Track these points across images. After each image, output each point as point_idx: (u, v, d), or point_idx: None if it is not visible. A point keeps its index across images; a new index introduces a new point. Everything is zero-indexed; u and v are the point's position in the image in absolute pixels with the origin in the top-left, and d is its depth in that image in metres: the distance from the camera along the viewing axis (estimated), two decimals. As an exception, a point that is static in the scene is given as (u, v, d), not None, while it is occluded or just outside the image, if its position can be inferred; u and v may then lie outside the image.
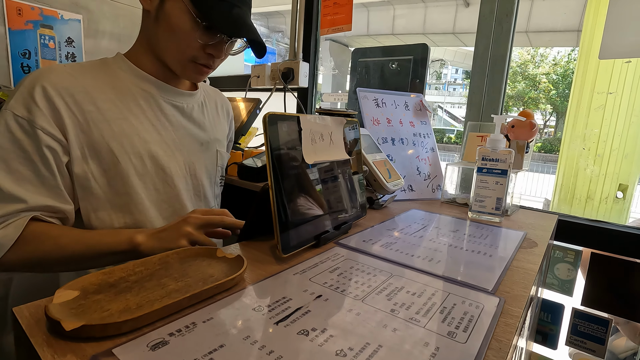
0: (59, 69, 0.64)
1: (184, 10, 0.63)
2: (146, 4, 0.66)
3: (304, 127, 0.55)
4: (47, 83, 0.60)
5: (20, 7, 1.32)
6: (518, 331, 0.39)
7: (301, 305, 0.39)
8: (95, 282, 0.38)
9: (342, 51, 16.40)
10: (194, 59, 0.68)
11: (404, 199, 0.99)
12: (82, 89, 0.63)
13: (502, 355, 0.33)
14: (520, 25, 10.40)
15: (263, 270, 0.47)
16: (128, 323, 0.32)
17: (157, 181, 0.70)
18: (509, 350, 0.34)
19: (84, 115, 0.62)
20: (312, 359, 0.30)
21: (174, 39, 0.65)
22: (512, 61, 11.11)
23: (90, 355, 0.29)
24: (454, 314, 0.39)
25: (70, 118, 0.61)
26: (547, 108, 19.39)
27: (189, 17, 0.63)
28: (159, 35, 0.67)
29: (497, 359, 0.32)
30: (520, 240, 0.68)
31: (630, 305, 0.89)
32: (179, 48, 0.67)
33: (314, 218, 0.56)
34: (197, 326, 0.34)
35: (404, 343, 0.33)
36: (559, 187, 3.28)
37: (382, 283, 0.46)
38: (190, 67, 0.70)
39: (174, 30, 0.65)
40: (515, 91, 18.88)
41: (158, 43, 0.68)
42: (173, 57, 0.68)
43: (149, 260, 0.44)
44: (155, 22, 0.66)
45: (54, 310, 0.32)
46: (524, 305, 0.43)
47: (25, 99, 0.59)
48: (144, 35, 0.71)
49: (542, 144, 17.90)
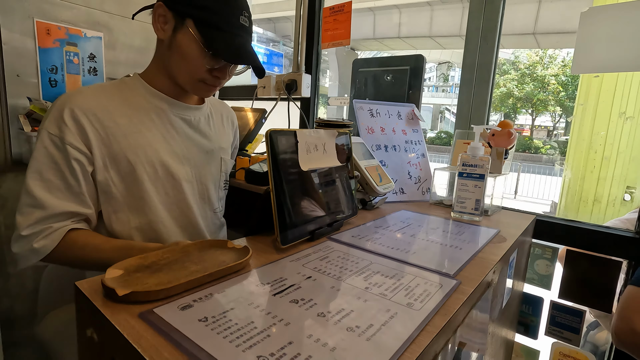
0: (83, 91, 0.75)
1: (192, 39, 0.73)
2: (160, 34, 0.76)
3: (300, 140, 0.66)
4: (74, 105, 0.71)
5: (49, 27, 1.46)
6: (467, 304, 0.49)
7: (294, 283, 0.49)
8: (134, 264, 0.49)
9: (349, 54, 16.49)
10: (203, 80, 0.79)
11: (395, 200, 1.09)
12: (103, 107, 0.74)
13: (446, 318, 0.43)
14: (527, 27, 10.42)
15: (265, 258, 0.58)
16: (163, 292, 0.42)
17: (167, 186, 0.80)
18: (452, 315, 0.44)
19: (105, 130, 0.73)
20: (300, 318, 0.41)
21: (185, 63, 0.76)
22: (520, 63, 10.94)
23: (137, 313, 0.40)
24: (415, 291, 0.49)
25: (94, 133, 0.72)
26: (556, 110, 19.23)
27: (197, 46, 0.74)
28: (172, 61, 0.77)
29: (441, 320, 0.42)
30: (492, 237, 0.78)
31: (601, 297, 0.98)
32: (189, 71, 0.77)
33: (309, 216, 0.67)
34: (214, 295, 0.44)
35: (371, 309, 0.44)
36: (565, 189, 3.31)
37: (362, 268, 0.56)
38: (199, 86, 0.80)
39: (185, 57, 0.75)
40: (523, 93, 18.77)
41: (171, 67, 0.78)
42: (185, 78, 0.79)
43: (174, 249, 0.55)
44: (168, 50, 0.77)
45: (108, 281, 0.43)
46: (475, 286, 0.52)
47: (56, 119, 0.70)
48: (158, 59, 0.81)
49: (551, 146, 17.77)
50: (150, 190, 0.78)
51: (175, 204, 0.83)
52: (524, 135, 21.92)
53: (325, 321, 0.40)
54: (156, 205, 0.79)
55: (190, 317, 0.39)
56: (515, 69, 19.25)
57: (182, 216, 0.84)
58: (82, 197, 0.72)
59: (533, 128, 23.16)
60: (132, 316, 0.39)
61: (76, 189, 0.71)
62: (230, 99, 2.05)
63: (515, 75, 18.93)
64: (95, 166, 0.73)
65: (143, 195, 0.77)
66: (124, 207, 0.77)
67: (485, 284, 0.58)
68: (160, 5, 0.73)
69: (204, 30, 0.72)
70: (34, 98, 1.43)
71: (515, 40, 12.83)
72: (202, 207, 0.89)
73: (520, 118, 23.75)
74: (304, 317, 0.41)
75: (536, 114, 20.75)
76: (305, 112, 1.57)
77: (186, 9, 0.72)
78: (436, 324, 0.41)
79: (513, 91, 18.81)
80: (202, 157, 0.88)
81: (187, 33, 0.73)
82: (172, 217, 0.82)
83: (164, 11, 0.74)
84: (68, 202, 0.70)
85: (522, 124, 24.50)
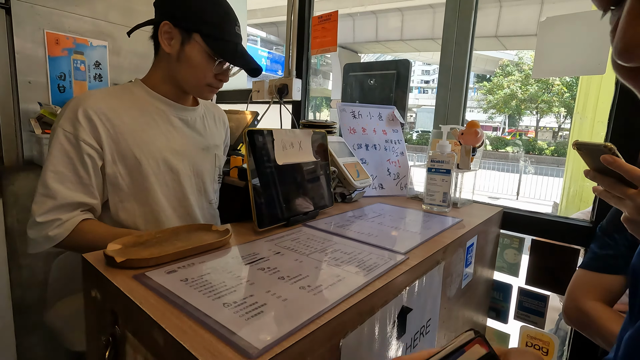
0: (94, 94, 0.85)
1: (201, 50, 0.85)
2: (167, 49, 0.87)
3: (276, 137, 0.75)
4: (87, 106, 0.81)
5: (58, 37, 1.57)
6: (408, 273, 0.58)
7: (264, 256, 0.59)
8: (131, 241, 0.59)
9: (351, 57, 16.50)
10: (209, 84, 0.91)
11: (375, 195, 1.19)
12: (112, 108, 0.84)
13: (384, 282, 0.52)
14: (529, 29, 10.46)
15: (244, 239, 0.68)
16: (153, 260, 0.52)
17: (168, 179, 0.91)
18: (390, 280, 0.53)
19: (114, 128, 0.83)
20: (263, 280, 0.50)
21: (194, 71, 0.87)
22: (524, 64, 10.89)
23: (132, 275, 0.49)
24: (366, 264, 0.59)
25: (104, 131, 0.82)
26: (560, 111, 19.17)
27: (206, 55, 0.86)
28: (181, 70, 0.88)
29: (380, 284, 0.52)
30: (452, 224, 0.87)
31: (562, 282, 1.06)
32: (197, 78, 0.89)
33: (285, 204, 0.76)
34: (195, 265, 0.54)
35: (324, 275, 0.53)
36: (566, 190, 3.35)
37: (326, 247, 0.65)
38: (206, 89, 0.92)
39: (195, 66, 0.87)
40: (527, 94, 18.76)
41: (180, 75, 0.89)
42: (192, 84, 0.90)
43: (165, 231, 0.65)
44: (177, 62, 0.87)
45: (109, 252, 0.52)
46: (419, 261, 0.62)
47: (70, 118, 0.80)
48: (162, 68, 0.91)
49: (556, 147, 17.73)
50: (153, 182, 0.88)
51: (174, 195, 0.93)
52: (528, 137, 21.91)
53: (284, 282, 0.50)
54: (158, 196, 0.89)
55: (174, 279, 0.49)
56: (519, 70, 19.27)
57: (180, 206, 0.94)
58: (91, 189, 0.82)
59: (538, 129, 23.12)
60: (128, 277, 0.49)
61: (86, 181, 0.81)
62: (227, 102, 2.16)
63: (519, 76, 18.95)
64: (104, 160, 0.83)
65: (147, 186, 0.87)
66: (130, 197, 0.87)
67: (433, 261, 0.67)
68: (166, 23, 0.84)
69: (211, 42, 0.85)
70: (44, 103, 1.54)
71: (518, 42, 12.88)
72: (199, 198, 1.00)
73: (525, 119, 23.71)
74: (267, 280, 0.50)
75: (540, 115, 20.71)
76: (296, 115, 1.67)
77: (193, 25, 0.84)
78: (375, 285, 0.51)
79: (517, 93, 18.81)
80: (198, 153, 0.98)
81: (195, 45, 0.85)
82: (171, 207, 0.92)
83: (169, 28, 0.85)
84: (77, 193, 0.80)
85: (527, 125, 24.48)
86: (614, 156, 0.47)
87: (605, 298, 0.84)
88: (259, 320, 0.40)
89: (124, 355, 0.46)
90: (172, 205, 0.92)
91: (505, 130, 24.62)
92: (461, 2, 1.29)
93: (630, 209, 0.49)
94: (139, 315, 0.42)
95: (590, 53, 0.96)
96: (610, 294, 0.84)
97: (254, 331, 0.38)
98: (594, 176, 0.53)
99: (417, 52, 16.01)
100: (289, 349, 0.36)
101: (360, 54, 17.19)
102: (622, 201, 0.50)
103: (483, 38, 11.86)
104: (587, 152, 0.51)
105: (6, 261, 1.40)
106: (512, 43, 12.84)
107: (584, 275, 0.87)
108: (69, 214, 0.79)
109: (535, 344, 1.11)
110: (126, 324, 0.45)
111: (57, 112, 1.45)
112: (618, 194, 0.50)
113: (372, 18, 12.57)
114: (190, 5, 0.84)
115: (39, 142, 1.47)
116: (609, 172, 0.49)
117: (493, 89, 19.42)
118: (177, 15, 0.84)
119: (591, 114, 2.80)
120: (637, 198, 0.47)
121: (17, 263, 1.42)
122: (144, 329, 0.41)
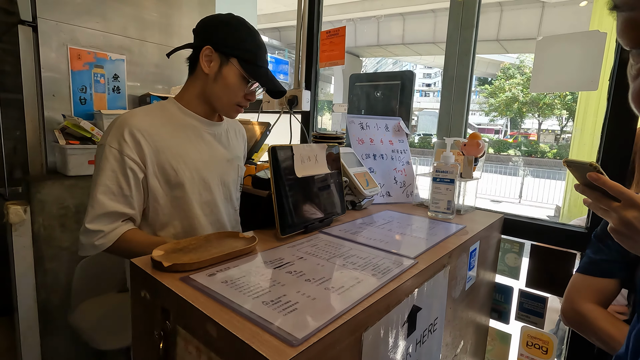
0: (137, 113, 0.94)
1: (237, 73, 0.95)
2: (207, 70, 0.96)
3: (295, 153, 0.83)
4: (132, 125, 0.90)
5: (80, 52, 1.66)
6: (418, 276, 0.65)
7: (289, 261, 0.66)
8: (171, 247, 0.67)
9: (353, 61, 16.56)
10: (238, 103, 1.00)
11: (383, 202, 1.26)
12: (152, 126, 0.93)
13: (397, 284, 0.59)
14: (530, 32, 10.53)
15: (268, 245, 0.75)
16: (195, 264, 0.60)
17: (200, 188, 0.99)
18: (402, 282, 0.60)
19: (154, 143, 0.92)
20: (292, 282, 0.57)
21: (227, 91, 0.97)
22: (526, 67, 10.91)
23: (178, 277, 0.57)
24: (380, 267, 0.66)
25: (147, 147, 0.91)
26: (562, 113, 19.20)
27: (240, 78, 0.96)
28: (216, 90, 0.97)
29: (394, 285, 0.59)
30: (456, 230, 0.94)
31: (560, 284, 1.13)
32: (229, 97, 0.98)
33: (304, 213, 0.84)
34: (231, 268, 0.61)
35: (344, 277, 0.60)
36: (568, 193, 3.40)
37: (343, 252, 0.73)
38: (234, 108, 1.01)
39: (229, 86, 0.96)
40: (529, 97, 18.81)
41: (212, 94, 0.98)
42: (224, 103, 0.99)
43: (199, 238, 0.73)
44: (214, 82, 0.96)
45: (156, 257, 0.60)
46: (428, 265, 0.69)
47: (117, 136, 0.89)
48: (196, 87, 1.00)
49: (558, 150, 17.75)
50: (189, 191, 0.96)
51: (206, 202, 1.01)
52: (530, 140, 21.92)
53: (310, 284, 0.57)
54: (193, 204, 0.98)
55: (216, 281, 0.56)
56: (521, 73, 19.34)
57: (211, 213, 1.03)
58: (130, 200, 0.90)
59: (540, 132, 23.14)
60: (175, 279, 0.56)
61: (127, 192, 0.89)
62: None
63: (520, 79, 19.02)
64: (146, 174, 0.92)
65: (183, 195, 0.96)
66: (168, 205, 0.96)
67: (439, 265, 0.74)
68: (207, 48, 0.94)
69: (247, 66, 0.96)
70: (67, 115, 1.62)
71: (519, 45, 12.96)
72: (226, 205, 1.08)
73: (526, 122, 23.73)
74: (295, 281, 0.58)
75: (542, 118, 20.74)
76: (305, 124, 1.75)
77: (232, 51, 0.95)
78: (389, 287, 0.58)
79: (518, 96, 18.87)
80: (224, 165, 1.07)
81: (232, 68, 0.95)
82: (204, 214, 1.01)
83: (210, 52, 0.95)
84: (119, 204, 0.88)
85: (529, 127, 24.49)
86: (598, 174, 0.54)
87: (600, 300, 0.90)
88: (295, 315, 0.47)
89: (174, 346, 0.53)
90: (205, 212, 1.00)
91: (507, 133, 24.66)
92: (463, 12, 1.37)
93: (615, 220, 0.55)
94: (192, 312, 0.49)
95: (584, 70, 1.03)
96: (604, 297, 0.91)
97: (293, 324, 0.45)
98: (583, 190, 0.60)
99: (419, 55, 16.11)
100: (323, 339, 0.43)
101: (362, 58, 17.32)
102: (608, 213, 0.57)
103: (484, 42, 11.95)
104: (575, 169, 0.58)
105: (32, 266, 1.48)
106: (513, 46, 12.93)
107: (580, 279, 0.94)
108: (111, 225, 0.87)
109: (535, 343, 1.17)
110: (178, 319, 0.52)
111: (79, 124, 1.53)
112: (604, 206, 0.57)
113: (374, 22, 12.70)
114: (231, 34, 0.95)
115: (62, 152, 1.56)
116: (596, 187, 0.56)
117: (495, 92, 19.49)
118: (218, 42, 0.95)
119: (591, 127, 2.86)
120: (620, 211, 0.54)
121: (42, 267, 1.50)
122: (196, 323, 0.49)
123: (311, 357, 0.42)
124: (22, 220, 1.42)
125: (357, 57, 16.35)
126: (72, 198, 1.54)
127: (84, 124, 1.54)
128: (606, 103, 1.02)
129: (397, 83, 1.90)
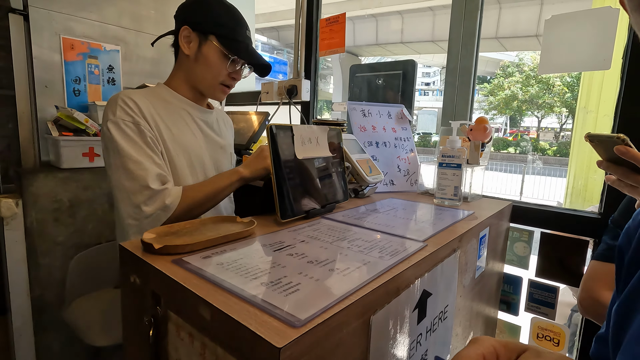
0: (133, 92, 0.90)
1: (217, 50, 0.93)
2: (187, 51, 0.93)
3: (295, 133, 0.79)
4: (125, 95, 0.86)
5: (73, 42, 1.61)
6: (427, 259, 0.61)
7: (290, 244, 0.62)
8: (164, 231, 0.62)
9: (352, 60, 16.62)
10: (223, 82, 0.97)
11: (386, 191, 1.21)
12: (150, 105, 0.90)
13: (406, 266, 0.55)
14: (529, 30, 10.49)
15: (267, 230, 0.70)
16: (188, 246, 0.55)
17: (198, 172, 0.97)
18: (411, 264, 0.56)
19: (155, 123, 0.89)
20: (293, 264, 0.53)
21: (210, 70, 0.94)
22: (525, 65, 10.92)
23: (170, 260, 0.52)
24: (387, 250, 0.61)
25: (151, 121, 0.88)
26: (562, 111, 19.13)
27: (221, 55, 0.93)
28: (198, 70, 0.95)
29: (404, 267, 0.54)
30: (465, 216, 0.90)
31: (572, 273, 1.08)
32: (213, 76, 0.95)
33: (305, 197, 0.79)
34: (227, 251, 0.57)
35: (349, 259, 0.56)
36: (570, 189, 3.36)
37: (348, 236, 0.68)
38: (219, 88, 0.98)
39: (210, 65, 0.93)
40: (528, 95, 18.74)
41: (196, 75, 0.96)
42: (208, 83, 0.96)
43: (194, 222, 0.68)
44: (195, 62, 0.94)
45: (147, 239, 0.55)
46: (438, 248, 0.64)
47: (124, 109, 0.84)
48: (182, 71, 0.97)
49: (558, 147, 17.69)
50: (186, 175, 0.94)
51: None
52: (530, 138, 21.84)
53: (313, 265, 0.53)
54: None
55: (211, 263, 0.52)
56: (520, 71, 19.27)
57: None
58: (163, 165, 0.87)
59: (539, 130, 23.07)
60: (167, 262, 0.52)
61: (157, 159, 0.85)
62: (237, 104, 2.19)
63: (519, 77, 18.95)
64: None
65: (180, 178, 0.92)
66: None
67: (450, 249, 0.70)
68: (185, 28, 0.92)
69: (225, 42, 0.93)
70: (60, 106, 1.58)
71: (518, 43, 12.92)
72: None
73: (526, 120, 23.65)
74: (297, 263, 0.53)
75: (542, 116, 20.68)
76: (305, 115, 1.71)
77: (209, 28, 0.92)
78: (399, 268, 0.54)
79: (517, 94, 18.80)
80: (218, 151, 1.05)
81: (211, 46, 0.93)
82: None
83: (188, 32, 0.92)
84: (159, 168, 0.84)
85: (529, 126, 24.42)
86: (627, 146, 0.50)
87: None
88: (297, 296, 0.43)
89: (166, 333, 0.49)
90: None
91: (506, 132, 24.60)
92: (467, 2, 1.33)
93: None
94: (183, 295, 0.45)
95: (596, 49, 0.99)
96: None
97: (295, 305, 0.41)
98: (608, 166, 0.56)
99: (418, 54, 16.05)
100: (328, 320, 0.39)
101: (360, 57, 17.25)
102: (636, 189, 0.53)
103: (483, 39, 11.86)
104: (600, 143, 0.54)
105: (25, 261, 1.43)
106: (512, 44, 12.87)
107: (598, 266, 0.89)
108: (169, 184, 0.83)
109: (546, 335, 1.13)
110: (169, 304, 0.48)
111: (73, 115, 1.49)
112: (631, 182, 0.53)
113: (372, 21, 12.64)
114: (207, 12, 0.92)
115: (55, 145, 1.51)
116: (622, 161, 0.51)
117: (494, 90, 19.43)
118: (195, 21, 0.92)
119: (595, 108, 2.80)
120: None
121: (35, 262, 1.45)
122: (188, 307, 0.44)
123: (315, 340, 0.38)
124: (14, 214, 1.38)
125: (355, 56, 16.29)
126: (66, 191, 1.49)
127: (78, 115, 1.50)
128: (619, 82, 0.98)
129: (399, 72, 1.86)
